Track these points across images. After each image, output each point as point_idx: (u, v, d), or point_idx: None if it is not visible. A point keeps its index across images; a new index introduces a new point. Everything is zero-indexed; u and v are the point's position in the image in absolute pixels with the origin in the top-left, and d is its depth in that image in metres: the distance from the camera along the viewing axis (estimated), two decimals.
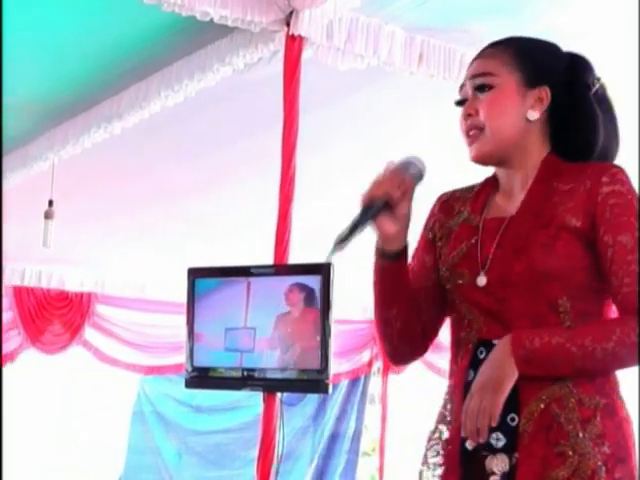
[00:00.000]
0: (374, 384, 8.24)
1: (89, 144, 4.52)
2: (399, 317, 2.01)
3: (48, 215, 5.94)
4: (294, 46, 3.23)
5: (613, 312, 1.89)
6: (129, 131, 4.31)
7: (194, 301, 3.07)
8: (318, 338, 2.70)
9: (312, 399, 7.66)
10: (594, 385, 1.86)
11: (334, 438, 8.03)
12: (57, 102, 4.45)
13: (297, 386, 3.07)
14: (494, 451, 1.86)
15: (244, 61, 3.49)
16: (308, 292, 2.72)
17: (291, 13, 3.18)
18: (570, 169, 1.95)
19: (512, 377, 1.82)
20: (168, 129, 4.57)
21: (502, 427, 1.83)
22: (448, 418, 1.93)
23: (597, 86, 2.02)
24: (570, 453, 1.84)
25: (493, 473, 1.87)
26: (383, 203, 1.88)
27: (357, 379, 8.17)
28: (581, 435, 1.84)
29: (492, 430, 1.83)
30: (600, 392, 1.86)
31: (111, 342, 7.74)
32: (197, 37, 3.61)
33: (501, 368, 1.84)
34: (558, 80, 1.99)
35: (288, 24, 3.23)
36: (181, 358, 3.17)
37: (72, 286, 7.99)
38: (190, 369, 3.05)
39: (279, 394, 2.96)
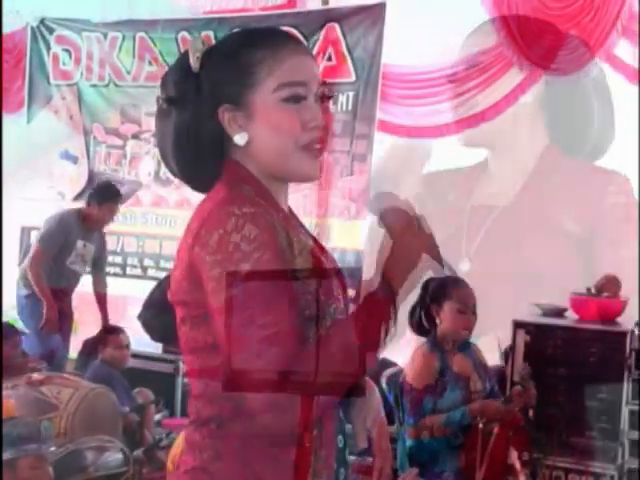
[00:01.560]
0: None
1: None
2: None
3: None
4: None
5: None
6: None
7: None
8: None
9: (347, 402, 7.62)
10: None
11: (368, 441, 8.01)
12: None
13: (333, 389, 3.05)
14: (451, 447, 1.84)
15: None
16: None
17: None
18: (572, 167, 1.90)
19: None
20: None
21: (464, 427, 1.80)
22: None
23: (594, 72, 1.95)
24: (531, 458, 1.80)
25: (444, 471, 1.86)
26: None
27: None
28: (544, 442, 1.80)
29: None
30: None
31: (146, 343, 7.78)
32: None
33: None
34: (553, 63, 1.92)
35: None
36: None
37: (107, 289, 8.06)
38: (227, 370, 3.04)
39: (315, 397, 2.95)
